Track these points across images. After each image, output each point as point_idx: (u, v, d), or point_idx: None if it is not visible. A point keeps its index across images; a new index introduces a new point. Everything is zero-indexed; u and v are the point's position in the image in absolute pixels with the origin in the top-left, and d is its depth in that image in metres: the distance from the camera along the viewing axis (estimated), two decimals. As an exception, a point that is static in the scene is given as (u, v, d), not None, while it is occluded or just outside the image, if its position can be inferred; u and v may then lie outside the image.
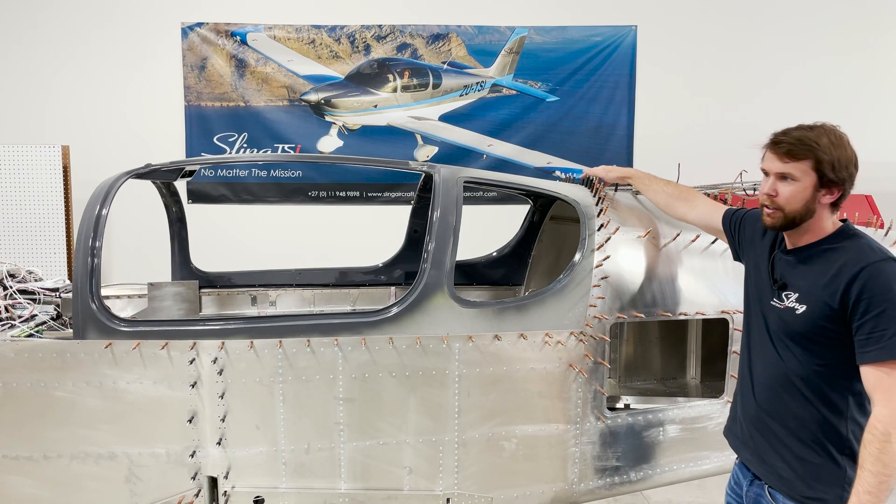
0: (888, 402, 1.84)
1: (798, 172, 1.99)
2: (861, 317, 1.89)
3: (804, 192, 2.00)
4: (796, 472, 2.07)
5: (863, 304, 1.89)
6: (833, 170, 1.97)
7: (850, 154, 1.99)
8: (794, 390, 2.06)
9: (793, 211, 2.02)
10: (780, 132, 2.04)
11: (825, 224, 2.05)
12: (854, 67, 7.13)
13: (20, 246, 6.10)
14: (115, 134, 6.69)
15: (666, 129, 7.00)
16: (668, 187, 2.86)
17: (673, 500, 4.46)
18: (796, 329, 2.03)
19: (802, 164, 1.98)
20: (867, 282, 1.89)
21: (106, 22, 6.67)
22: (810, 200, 2.00)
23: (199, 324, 2.87)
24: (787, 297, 2.07)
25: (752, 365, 2.22)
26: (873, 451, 1.84)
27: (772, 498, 2.15)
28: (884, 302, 1.87)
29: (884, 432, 1.83)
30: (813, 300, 1.99)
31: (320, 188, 6.96)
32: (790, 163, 1.99)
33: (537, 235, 4.22)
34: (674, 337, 4.08)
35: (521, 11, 6.92)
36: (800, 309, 2.02)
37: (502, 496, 2.82)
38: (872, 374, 1.88)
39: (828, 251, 2.03)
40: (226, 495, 2.70)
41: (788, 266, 2.11)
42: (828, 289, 1.96)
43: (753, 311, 2.24)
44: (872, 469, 1.83)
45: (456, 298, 2.72)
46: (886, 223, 3.48)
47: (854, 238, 2.02)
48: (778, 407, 2.11)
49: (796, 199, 2.01)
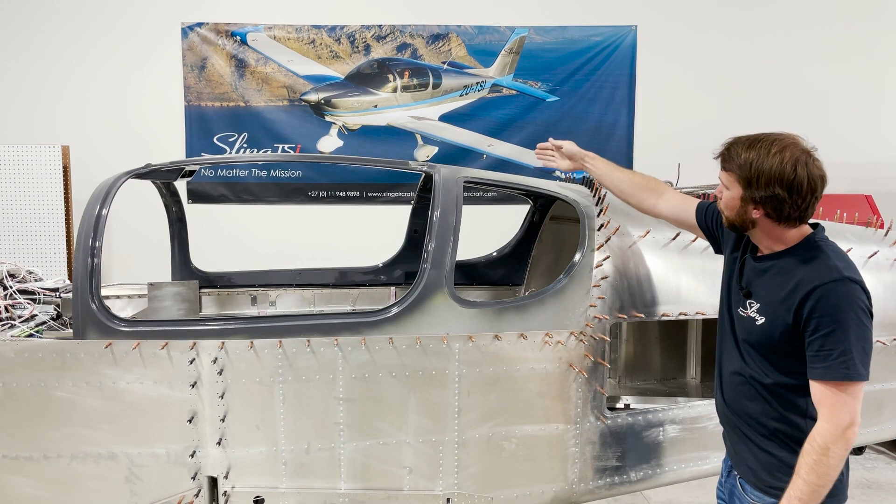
0: (831, 419, 1.89)
1: (726, 181, 2.04)
2: (811, 334, 1.92)
3: (733, 202, 2.03)
4: (761, 463, 2.12)
5: (813, 323, 1.91)
6: (750, 186, 1.96)
7: (777, 173, 1.91)
8: (753, 390, 2.11)
9: (729, 217, 2.07)
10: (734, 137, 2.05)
11: (786, 235, 2.03)
12: (854, 67, 7.12)
13: (20, 246, 6.10)
14: (115, 134, 6.69)
15: (666, 129, 7.00)
16: (635, 176, 2.68)
17: (673, 500, 4.46)
18: (755, 339, 2.08)
19: (730, 175, 2.02)
20: (819, 301, 1.90)
21: (106, 22, 6.67)
22: (741, 211, 2.02)
23: (199, 324, 2.87)
24: (751, 306, 2.10)
25: (721, 362, 2.27)
26: (810, 461, 1.89)
27: (741, 488, 2.21)
28: (832, 322, 1.89)
29: (822, 445, 1.88)
30: (771, 313, 2.02)
31: (320, 188, 6.96)
32: (722, 171, 2.05)
33: (537, 235, 4.21)
34: (674, 337, 4.08)
35: (521, 11, 6.92)
36: (759, 320, 2.05)
37: (502, 496, 2.82)
38: (818, 390, 1.93)
39: (790, 263, 2.01)
40: (226, 495, 2.69)
41: (755, 273, 2.13)
42: (784, 304, 1.98)
43: (723, 309, 2.27)
44: (807, 478, 1.89)
45: (456, 298, 2.72)
46: (886, 223, 3.48)
47: (816, 251, 1.99)
48: (740, 405, 2.17)
49: (727, 207, 2.06)
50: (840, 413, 1.88)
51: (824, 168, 1.98)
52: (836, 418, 1.88)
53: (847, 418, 1.88)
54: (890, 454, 5.32)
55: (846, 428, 1.88)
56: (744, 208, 2.01)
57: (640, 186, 2.64)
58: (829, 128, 6.51)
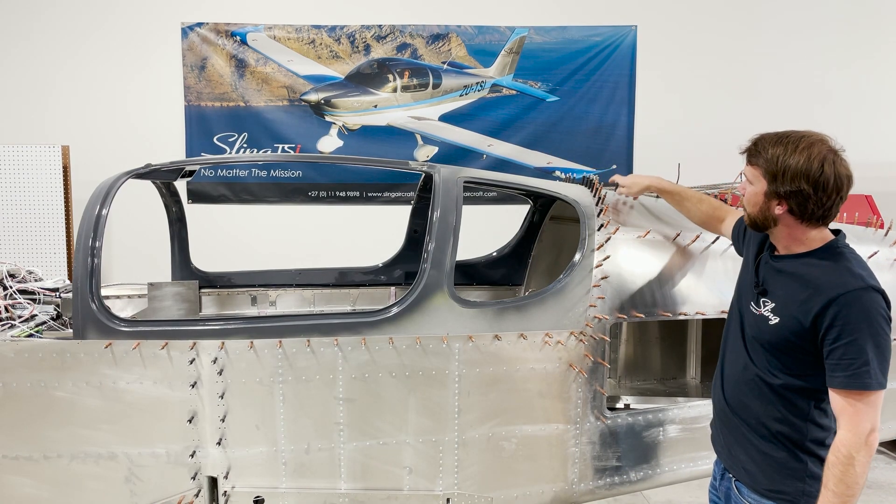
0: (853, 428, 1.89)
1: (751, 176, 2.05)
2: (833, 342, 1.91)
3: (757, 197, 2.03)
4: (759, 465, 2.12)
5: (835, 331, 1.90)
6: (775, 180, 1.96)
7: (804, 169, 1.92)
8: (758, 390, 2.11)
9: (752, 213, 2.07)
10: (761, 133, 2.07)
11: (807, 235, 2.03)
12: (854, 67, 7.12)
13: (20, 246, 6.10)
14: (115, 134, 6.69)
15: (666, 129, 7.00)
16: (702, 205, 2.79)
17: (673, 500, 4.46)
18: (766, 338, 2.07)
19: (755, 169, 2.03)
20: (842, 309, 1.89)
21: (106, 22, 6.67)
22: (764, 207, 2.02)
23: (199, 324, 2.87)
24: (765, 305, 2.09)
25: (724, 360, 2.27)
26: (836, 472, 1.89)
27: (738, 491, 2.20)
28: (856, 332, 1.88)
29: (847, 455, 1.88)
30: (787, 314, 2.01)
31: (320, 188, 6.96)
32: (747, 166, 2.06)
33: (537, 235, 4.21)
34: (674, 337, 4.08)
35: (521, 11, 6.92)
36: (773, 320, 2.05)
37: (502, 496, 2.82)
38: (839, 399, 1.93)
39: (810, 266, 2.01)
40: (226, 495, 2.70)
41: (772, 272, 2.12)
42: (803, 307, 1.96)
43: (735, 309, 2.27)
44: (836, 490, 1.89)
45: (456, 298, 2.72)
46: (886, 223, 3.48)
47: (839, 257, 1.99)
48: (742, 404, 2.16)
49: (751, 203, 2.06)
50: (861, 422, 1.89)
51: (851, 169, 1.98)
52: (857, 427, 1.89)
53: (868, 426, 1.89)
54: (890, 454, 5.32)
55: (868, 435, 1.89)
56: (767, 204, 2.01)
57: (709, 215, 2.77)
58: (829, 128, 6.47)
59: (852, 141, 2.04)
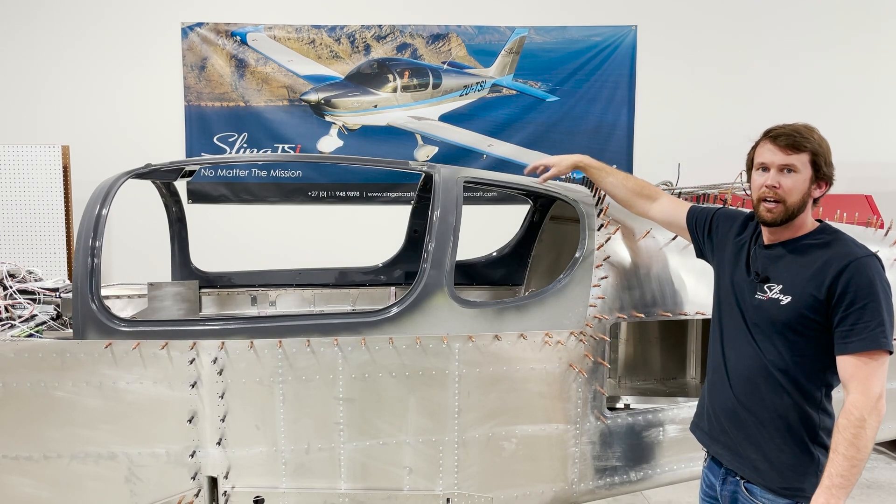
0: (865, 391, 1.93)
1: (799, 164, 2.07)
2: (846, 308, 1.97)
3: (803, 185, 2.08)
4: (772, 463, 2.12)
5: (848, 297, 1.97)
6: (825, 164, 2.08)
7: (829, 151, 2.10)
8: (772, 380, 2.11)
9: (793, 203, 2.08)
10: (777, 126, 2.12)
11: (807, 220, 2.14)
12: (854, 67, 7.13)
13: (20, 246, 6.11)
14: (115, 134, 6.69)
15: (666, 129, 7.01)
16: (628, 181, 2.82)
17: (673, 500, 4.46)
18: (781, 319, 2.08)
19: (802, 156, 2.07)
20: (854, 276, 1.97)
21: (106, 22, 6.67)
22: (806, 193, 2.09)
23: (199, 324, 2.87)
24: (770, 289, 2.12)
25: (726, 359, 2.26)
26: (848, 435, 1.92)
27: (748, 492, 2.18)
28: (868, 296, 1.96)
29: (859, 418, 1.91)
30: (798, 291, 2.05)
31: (320, 188, 6.96)
32: (792, 154, 2.07)
33: (537, 235, 4.21)
34: (674, 337, 4.08)
35: (521, 11, 6.92)
36: (784, 300, 2.07)
37: (502, 496, 2.82)
38: (851, 364, 1.96)
39: (811, 246, 2.10)
40: (226, 495, 2.70)
41: (769, 260, 2.16)
42: (814, 280, 2.03)
43: (727, 307, 2.27)
44: (846, 453, 1.91)
45: (456, 298, 2.72)
46: (886, 223, 3.48)
47: (836, 234, 2.11)
48: (755, 398, 2.15)
49: (797, 191, 2.08)
50: (872, 384, 1.93)
51: None
52: (869, 390, 1.93)
53: (878, 388, 1.94)
54: (890, 454, 5.32)
55: (877, 399, 1.93)
56: (809, 189, 2.08)
57: (635, 192, 2.78)
58: (829, 128, 6.45)
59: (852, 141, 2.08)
